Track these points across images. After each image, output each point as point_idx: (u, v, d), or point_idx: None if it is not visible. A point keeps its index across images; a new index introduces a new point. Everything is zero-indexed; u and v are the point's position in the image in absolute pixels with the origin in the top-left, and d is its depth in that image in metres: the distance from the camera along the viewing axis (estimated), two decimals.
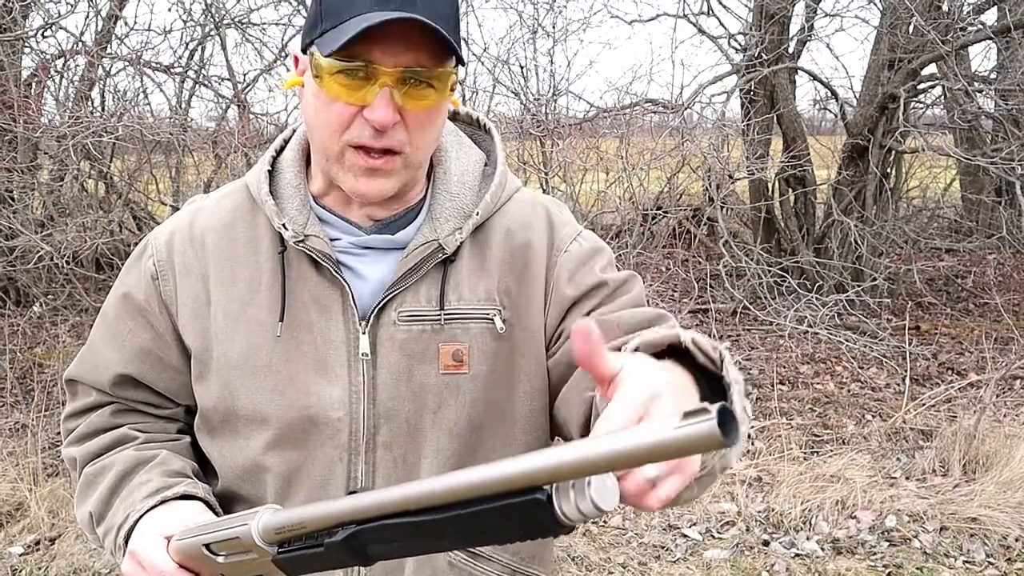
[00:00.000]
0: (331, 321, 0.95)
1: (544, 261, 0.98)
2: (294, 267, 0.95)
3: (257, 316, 0.96)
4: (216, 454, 1.01)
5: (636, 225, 5.33)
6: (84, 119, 4.78)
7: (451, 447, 0.96)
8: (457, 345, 0.95)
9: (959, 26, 5.52)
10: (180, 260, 0.99)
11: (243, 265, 0.97)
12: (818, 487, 3.55)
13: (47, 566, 3.09)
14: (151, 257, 1.01)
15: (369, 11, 0.81)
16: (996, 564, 3.11)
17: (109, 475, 0.99)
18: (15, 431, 4.15)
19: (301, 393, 0.94)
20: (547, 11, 5.87)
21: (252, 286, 0.96)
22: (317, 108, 0.88)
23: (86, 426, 1.05)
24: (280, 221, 0.94)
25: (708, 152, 5.50)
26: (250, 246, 0.98)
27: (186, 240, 1.00)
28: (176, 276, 0.99)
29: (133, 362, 1.02)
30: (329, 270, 0.94)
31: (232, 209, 1.01)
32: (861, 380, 5.03)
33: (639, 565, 3.14)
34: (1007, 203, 6.15)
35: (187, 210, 1.05)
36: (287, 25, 6.10)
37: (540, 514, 0.57)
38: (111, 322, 1.04)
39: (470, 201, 0.98)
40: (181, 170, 5.90)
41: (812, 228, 6.65)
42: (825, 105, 8.09)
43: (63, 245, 4.55)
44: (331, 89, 0.85)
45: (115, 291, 1.04)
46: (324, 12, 0.84)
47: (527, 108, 5.72)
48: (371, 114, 0.84)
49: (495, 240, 0.98)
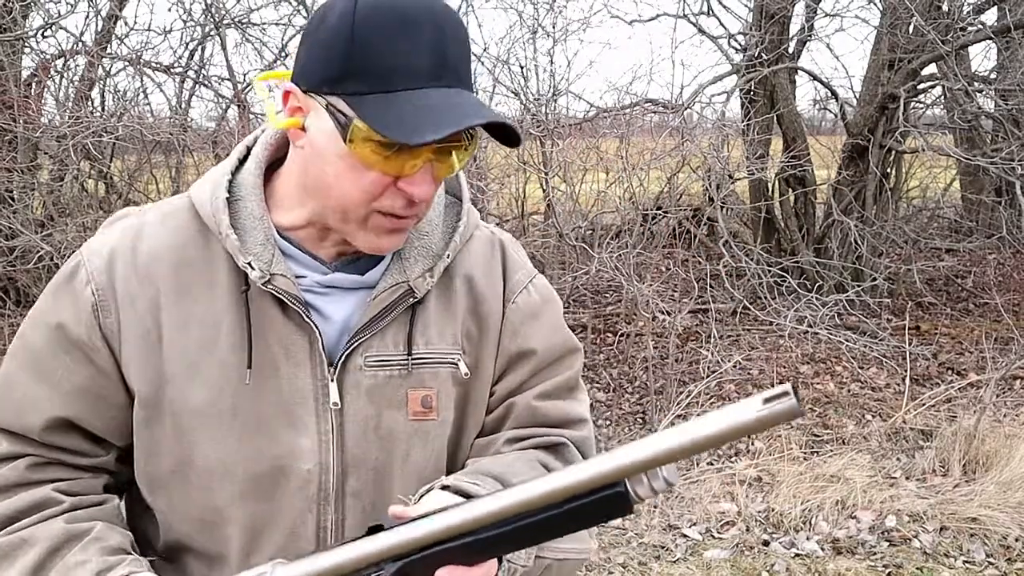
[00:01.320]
0: (298, 368, 0.89)
1: (499, 312, 0.97)
2: (257, 307, 0.88)
3: (220, 359, 0.88)
4: (163, 505, 0.92)
5: (636, 225, 5.34)
6: (84, 119, 4.78)
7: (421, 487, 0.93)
8: (426, 391, 0.93)
9: (959, 26, 5.52)
10: (123, 289, 0.88)
11: (199, 302, 0.89)
12: (818, 487, 3.55)
13: None
14: (88, 283, 0.88)
15: (425, 85, 0.77)
16: (996, 564, 3.11)
17: (34, 550, 0.85)
18: None
19: (270, 443, 0.89)
20: (547, 11, 5.87)
21: (211, 326, 0.88)
22: (341, 171, 0.81)
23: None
24: (244, 260, 0.86)
25: (708, 152, 5.50)
26: (205, 278, 0.89)
27: (129, 266, 0.89)
28: (119, 308, 0.88)
29: (71, 403, 0.89)
30: (298, 313, 0.88)
31: (180, 231, 0.91)
32: (861, 380, 5.03)
33: (639, 565, 3.14)
34: (1007, 203, 6.15)
35: (124, 228, 0.92)
36: (287, 25, 6.11)
37: (619, 503, 0.63)
38: (41, 358, 0.89)
39: (438, 239, 0.94)
40: (181, 170, 5.89)
41: (812, 228, 6.66)
42: (825, 105, 8.11)
43: (63, 245, 4.55)
44: (366, 157, 0.79)
45: (42, 320, 0.91)
46: (362, 67, 0.77)
47: (527, 108, 5.72)
48: (410, 187, 0.81)
49: (458, 283, 0.96)
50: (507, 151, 6.00)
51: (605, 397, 4.77)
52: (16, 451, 0.90)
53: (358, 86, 0.78)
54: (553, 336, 0.99)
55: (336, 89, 0.79)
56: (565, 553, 0.93)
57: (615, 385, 4.97)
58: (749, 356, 5.25)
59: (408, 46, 0.77)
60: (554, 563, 0.92)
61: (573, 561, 0.94)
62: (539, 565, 0.89)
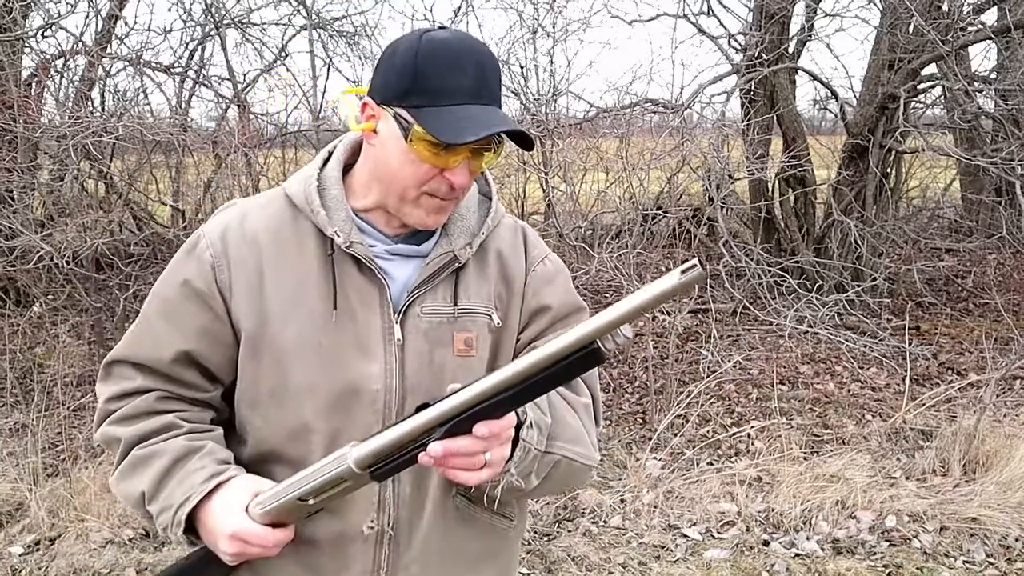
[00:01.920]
0: (371, 312, 1.15)
1: (522, 278, 1.25)
2: (340, 266, 1.16)
3: (310, 305, 1.14)
4: (259, 422, 1.17)
5: (636, 225, 5.34)
6: (84, 119, 4.78)
7: None
8: (468, 334, 1.19)
9: (959, 26, 5.52)
10: (235, 253, 1.16)
11: (292, 264, 1.16)
12: (818, 487, 3.55)
13: (47, 566, 3.09)
14: (207, 249, 1.16)
15: (466, 102, 1.06)
16: (996, 564, 3.11)
17: (162, 459, 1.12)
18: (15, 431, 4.15)
19: (348, 369, 1.14)
20: (547, 11, 5.88)
21: (303, 281, 1.15)
22: (402, 162, 1.10)
23: (130, 409, 1.16)
24: (332, 230, 1.14)
25: (708, 152, 5.49)
26: (298, 248, 1.16)
27: (239, 236, 1.17)
28: (231, 266, 1.15)
29: (193, 340, 1.15)
30: (371, 270, 1.15)
31: (276, 216, 1.19)
32: (861, 380, 5.03)
33: (639, 565, 3.14)
34: (1007, 203, 6.15)
35: (233, 211, 1.21)
36: (287, 25, 6.12)
37: (596, 357, 0.87)
38: (172, 305, 1.17)
39: (474, 222, 1.23)
40: (181, 170, 5.89)
41: (812, 228, 6.66)
42: (825, 105, 8.10)
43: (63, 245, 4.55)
44: (421, 153, 1.08)
45: (171, 278, 1.18)
46: (422, 88, 1.06)
47: (527, 108, 5.72)
48: (452, 177, 1.10)
49: (491, 257, 1.24)
50: (507, 151, 5.99)
51: (605, 397, 4.77)
52: (148, 385, 1.17)
53: (418, 100, 1.07)
54: (565, 296, 1.28)
55: (402, 103, 1.08)
56: (575, 455, 1.15)
57: (615, 385, 4.98)
58: (749, 356, 5.25)
59: (456, 73, 1.07)
60: (563, 460, 1.14)
61: (579, 465, 1.17)
62: (549, 460, 1.12)
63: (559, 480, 1.17)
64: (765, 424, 4.26)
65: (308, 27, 5.74)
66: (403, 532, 1.18)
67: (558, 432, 1.14)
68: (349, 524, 1.16)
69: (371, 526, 1.17)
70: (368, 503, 1.16)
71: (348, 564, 1.17)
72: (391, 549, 1.18)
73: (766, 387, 4.78)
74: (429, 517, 1.19)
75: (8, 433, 4.13)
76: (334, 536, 1.16)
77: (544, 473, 1.13)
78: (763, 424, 4.27)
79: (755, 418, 4.42)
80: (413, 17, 5.91)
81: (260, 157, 5.47)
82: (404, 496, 1.18)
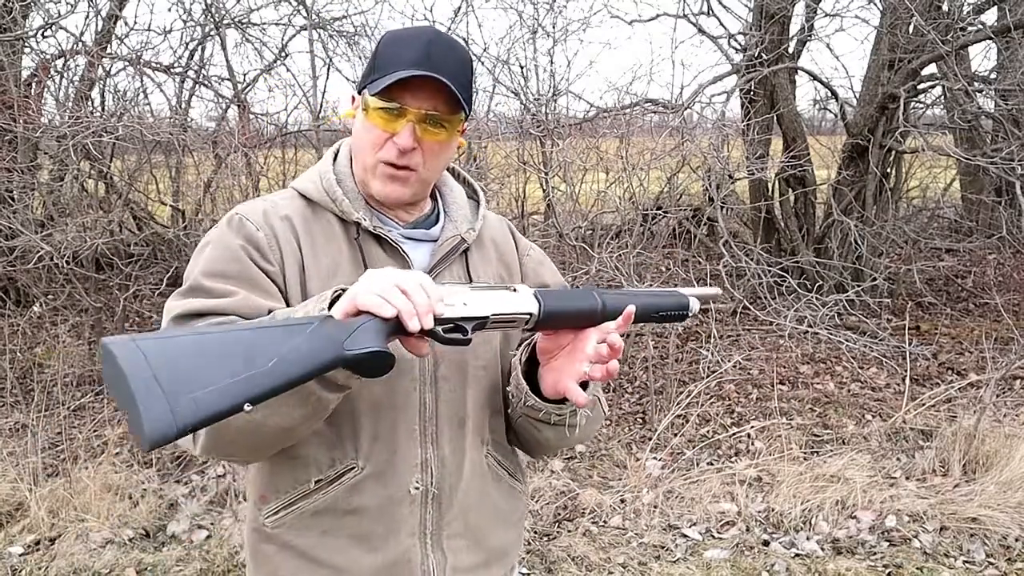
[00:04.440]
0: None
1: (517, 262, 1.41)
2: (366, 247, 1.25)
3: (346, 280, 1.16)
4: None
5: (636, 225, 5.33)
6: (84, 119, 4.78)
7: (484, 379, 1.30)
8: None
9: (959, 26, 5.52)
10: (281, 233, 1.22)
11: (323, 248, 1.23)
12: (818, 487, 3.55)
13: (47, 566, 3.09)
14: (257, 228, 1.21)
15: (406, 69, 1.15)
16: (996, 564, 3.11)
17: (258, 317, 1.10)
18: (15, 431, 4.15)
19: None
20: (547, 11, 5.87)
21: (336, 262, 1.23)
22: (360, 132, 1.23)
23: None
24: (357, 215, 1.24)
25: (708, 152, 5.49)
26: (324, 235, 1.24)
27: (277, 219, 1.23)
28: (280, 244, 1.21)
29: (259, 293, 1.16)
30: (394, 248, 1.24)
31: (298, 209, 1.27)
32: (861, 380, 5.03)
33: (639, 565, 3.14)
34: (1007, 203, 6.15)
35: (258, 201, 1.27)
36: (287, 25, 6.12)
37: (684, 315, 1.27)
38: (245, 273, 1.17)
39: (469, 213, 1.36)
40: (181, 170, 5.90)
41: (812, 228, 6.66)
42: (825, 105, 8.11)
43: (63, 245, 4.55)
44: (372, 119, 1.19)
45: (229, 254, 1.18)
46: (376, 66, 1.19)
47: (527, 108, 5.71)
48: (397, 140, 1.18)
49: (487, 243, 1.38)
50: (507, 151, 6.00)
51: (605, 397, 4.77)
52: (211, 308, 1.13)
53: (373, 77, 1.18)
54: (556, 276, 1.45)
55: (365, 83, 1.20)
56: (601, 398, 1.35)
57: (615, 385, 4.97)
58: (749, 356, 5.25)
59: (402, 48, 1.18)
60: (596, 402, 1.31)
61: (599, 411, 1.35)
62: (593, 399, 1.27)
63: (592, 422, 1.31)
64: (765, 424, 4.25)
65: (308, 27, 5.74)
66: (445, 491, 1.25)
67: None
68: (396, 487, 1.22)
69: (416, 487, 1.23)
70: (411, 465, 1.22)
71: (397, 527, 1.22)
72: (435, 508, 1.25)
73: (766, 387, 4.78)
74: (468, 475, 1.27)
75: (8, 433, 4.13)
76: (382, 501, 1.21)
77: (589, 411, 1.28)
78: (763, 424, 4.27)
79: (755, 418, 4.42)
80: (413, 17, 5.89)
81: (260, 157, 5.47)
82: (444, 456, 1.25)
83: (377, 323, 0.98)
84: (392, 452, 1.22)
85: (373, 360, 0.96)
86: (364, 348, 0.95)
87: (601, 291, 1.19)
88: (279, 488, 1.23)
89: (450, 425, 1.26)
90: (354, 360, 0.95)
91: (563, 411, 1.24)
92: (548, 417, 1.25)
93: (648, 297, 1.24)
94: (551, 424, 1.26)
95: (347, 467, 1.21)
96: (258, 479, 1.27)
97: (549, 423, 1.26)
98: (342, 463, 1.21)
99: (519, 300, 1.14)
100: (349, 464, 1.21)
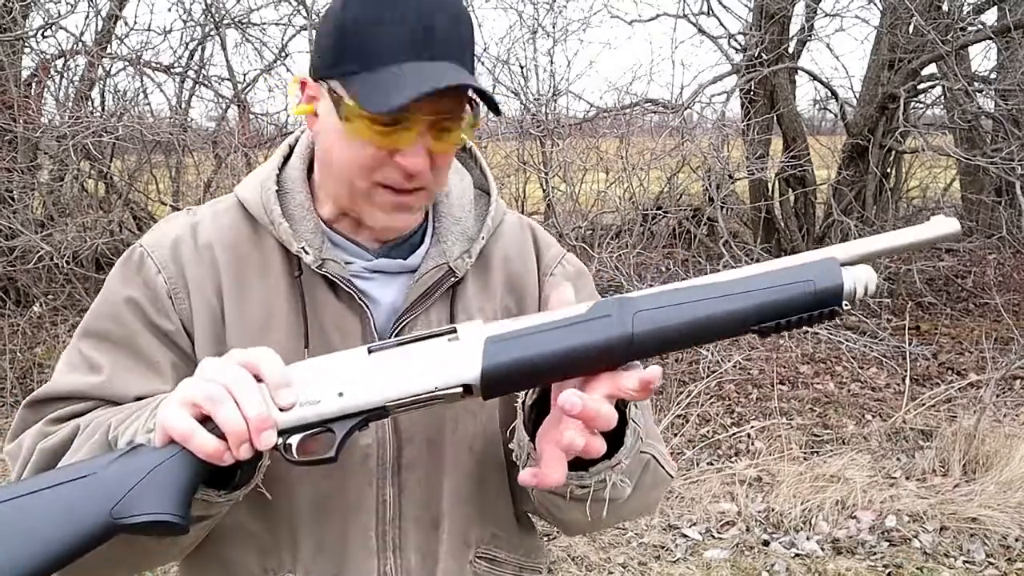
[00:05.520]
0: (352, 346, 0.89)
1: (535, 285, 1.03)
2: (310, 291, 0.93)
3: (278, 340, 0.90)
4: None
5: (636, 225, 5.33)
6: (84, 119, 4.78)
7: (470, 463, 0.97)
8: None
9: (959, 26, 5.52)
10: (192, 274, 0.93)
11: (254, 288, 0.93)
12: (818, 487, 3.55)
13: None
14: (160, 271, 0.92)
15: (404, 60, 0.81)
16: (996, 564, 3.10)
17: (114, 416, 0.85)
18: None
19: None
20: (547, 11, 5.88)
21: (267, 310, 0.93)
22: (341, 146, 0.87)
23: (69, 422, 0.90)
24: (299, 245, 0.91)
25: (708, 152, 5.49)
26: (260, 268, 0.94)
27: (193, 253, 0.94)
28: (190, 290, 0.93)
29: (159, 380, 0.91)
30: (350, 294, 0.93)
31: (232, 228, 0.96)
32: (861, 380, 5.03)
33: (639, 565, 3.14)
34: (1007, 203, 6.14)
35: (181, 223, 0.97)
36: (287, 25, 6.11)
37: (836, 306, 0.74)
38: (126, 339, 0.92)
39: (471, 224, 1.00)
40: (181, 170, 5.90)
41: (812, 228, 6.65)
42: (825, 105, 8.11)
43: (63, 245, 4.55)
44: (362, 133, 0.84)
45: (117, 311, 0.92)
46: (350, 49, 0.83)
47: (527, 108, 5.71)
48: (404, 160, 0.85)
49: (495, 264, 1.01)
50: (507, 151, 5.99)
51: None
52: (66, 391, 0.91)
53: (350, 66, 0.83)
54: (593, 295, 1.03)
55: (333, 72, 0.84)
56: (660, 457, 0.96)
57: None
58: (749, 356, 5.25)
59: (389, 24, 0.81)
60: (651, 461, 0.94)
61: (663, 474, 0.97)
62: (641, 460, 0.92)
63: (644, 491, 0.94)
64: (765, 424, 4.25)
65: (308, 27, 5.73)
66: None
67: (646, 425, 0.93)
68: None
69: None
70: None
71: None
72: None
73: (766, 387, 4.78)
74: None
75: None
76: None
77: (636, 477, 0.91)
78: (763, 424, 4.27)
79: (755, 418, 4.42)
80: None
81: (260, 157, 5.46)
82: (409, 569, 0.96)
83: (181, 460, 0.71)
84: (339, 565, 0.94)
85: (151, 529, 0.70)
86: (140, 515, 0.69)
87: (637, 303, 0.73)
88: None
89: (418, 528, 0.96)
90: (132, 529, 0.70)
91: (586, 482, 0.85)
92: (566, 491, 0.86)
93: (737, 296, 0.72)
94: (574, 500, 0.88)
95: None
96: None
97: (568, 498, 0.88)
98: (277, 575, 0.94)
99: (451, 360, 0.74)
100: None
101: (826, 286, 0.72)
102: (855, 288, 0.73)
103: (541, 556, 1.10)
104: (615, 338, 0.72)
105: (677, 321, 0.72)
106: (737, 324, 0.73)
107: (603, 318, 0.73)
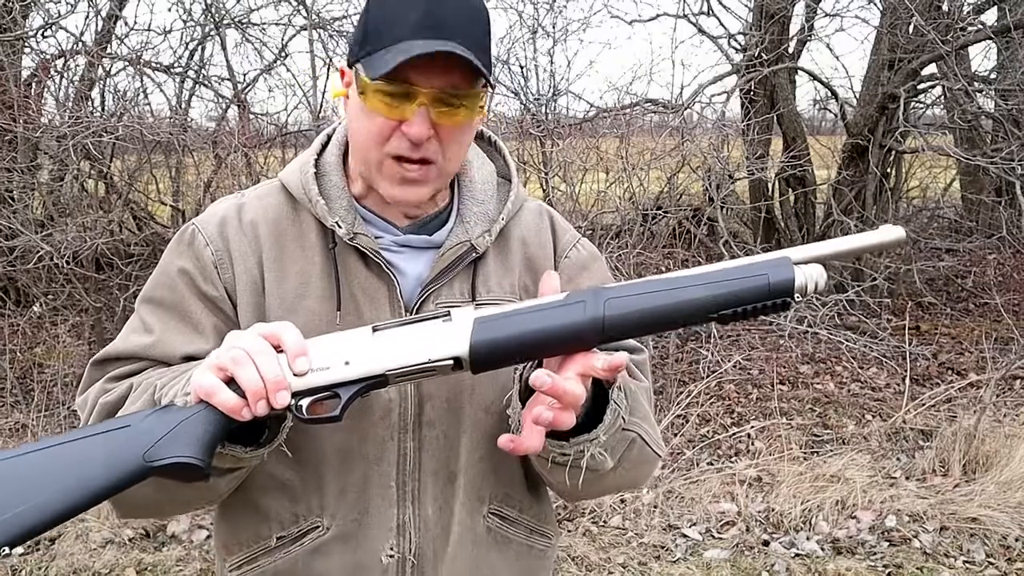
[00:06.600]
0: (379, 311, 1.03)
1: (551, 266, 1.12)
2: (343, 261, 1.04)
3: (312, 306, 1.02)
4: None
5: (636, 225, 5.33)
6: (84, 119, 4.77)
7: (487, 423, 1.05)
8: None
9: (959, 26, 5.52)
10: (236, 247, 1.04)
11: (293, 259, 1.04)
12: (818, 487, 3.55)
13: (47, 566, 3.09)
14: (208, 244, 1.04)
15: (410, 38, 0.91)
16: (996, 564, 3.11)
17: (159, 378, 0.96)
18: (15, 431, 4.15)
19: None
20: (547, 11, 5.88)
21: (304, 278, 1.03)
22: (360, 119, 0.98)
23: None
24: (333, 220, 1.02)
25: (708, 152, 5.49)
26: (298, 242, 1.05)
27: (237, 230, 1.05)
28: (233, 262, 1.04)
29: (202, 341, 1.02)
30: (378, 264, 1.03)
31: (274, 207, 1.07)
32: (861, 380, 5.03)
33: (639, 565, 3.14)
34: (1007, 203, 6.14)
35: (227, 203, 1.09)
36: (287, 25, 6.11)
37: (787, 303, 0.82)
38: (179, 306, 1.03)
39: (493, 207, 1.09)
40: (181, 170, 5.89)
41: (812, 228, 6.65)
42: (825, 105, 8.10)
43: (63, 245, 4.55)
44: (374, 105, 0.94)
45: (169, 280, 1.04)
46: (369, 33, 0.95)
47: (527, 108, 5.72)
48: (408, 129, 0.94)
49: (514, 245, 1.11)
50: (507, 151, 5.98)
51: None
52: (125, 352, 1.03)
53: (368, 48, 0.95)
54: (607, 279, 1.14)
55: (359, 56, 0.96)
56: (648, 436, 1.03)
57: None
58: (749, 356, 5.25)
59: (402, 7, 0.93)
60: (637, 440, 1.01)
61: (650, 452, 1.04)
62: (626, 437, 0.99)
63: (628, 466, 1.02)
64: (765, 424, 4.25)
65: (308, 27, 5.73)
66: (427, 560, 1.05)
67: (634, 406, 0.99)
68: (366, 553, 1.03)
69: (391, 554, 1.04)
70: (385, 528, 1.04)
71: None
72: None
73: (766, 387, 4.78)
74: (456, 542, 1.06)
75: (8, 433, 4.13)
76: (349, 568, 1.03)
77: (619, 453, 0.98)
78: (763, 424, 4.27)
79: (755, 418, 4.42)
80: None
81: (260, 157, 5.47)
82: (427, 518, 1.05)
83: (207, 415, 0.82)
84: (362, 511, 1.03)
85: (178, 472, 0.81)
86: (167, 459, 0.80)
87: (610, 292, 0.83)
88: (241, 541, 1.07)
89: (436, 481, 1.04)
90: (161, 471, 0.81)
91: (566, 451, 0.93)
92: (548, 454, 0.95)
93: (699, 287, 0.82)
94: (557, 464, 0.96)
95: (311, 525, 1.04)
96: (222, 527, 1.11)
97: (550, 463, 0.97)
98: (305, 520, 1.04)
99: (444, 337, 0.84)
100: (313, 522, 1.04)
101: (779, 280, 0.81)
102: (806, 283, 0.81)
103: (551, 524, 1.18)
104: (588, 320, 0.82)
105: (645, 307, 0.82)
106: (700, 312, 0.82)
107: (578, 303, 0.83)
